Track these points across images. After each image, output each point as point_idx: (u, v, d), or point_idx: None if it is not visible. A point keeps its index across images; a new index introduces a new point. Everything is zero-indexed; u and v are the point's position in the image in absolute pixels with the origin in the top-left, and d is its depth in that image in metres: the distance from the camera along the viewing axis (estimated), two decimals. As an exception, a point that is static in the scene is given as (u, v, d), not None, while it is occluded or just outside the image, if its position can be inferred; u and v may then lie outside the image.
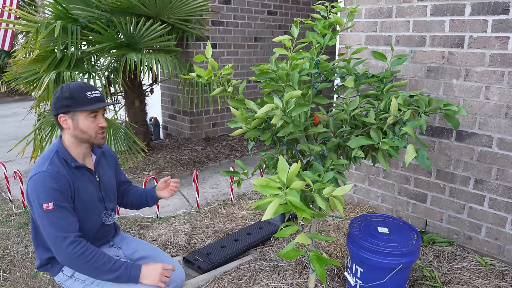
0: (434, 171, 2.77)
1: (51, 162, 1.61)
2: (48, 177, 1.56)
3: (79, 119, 1.64)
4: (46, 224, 1.55)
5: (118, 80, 4.17)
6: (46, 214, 1.54)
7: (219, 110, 5.58)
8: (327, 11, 2.02)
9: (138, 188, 2.04)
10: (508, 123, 2.39)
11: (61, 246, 1.54)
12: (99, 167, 1.81)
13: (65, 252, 1.54)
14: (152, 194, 2.00)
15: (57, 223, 1.54)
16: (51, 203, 1.54)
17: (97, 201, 1.75)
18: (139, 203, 2.03)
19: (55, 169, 1.59)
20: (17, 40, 9.19)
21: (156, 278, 1.66)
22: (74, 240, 1.55)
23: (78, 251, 1.54)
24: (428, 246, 2.67)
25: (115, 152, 2.00)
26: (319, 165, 1.74)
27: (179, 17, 4.29)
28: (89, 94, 1.64)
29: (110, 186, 1.85)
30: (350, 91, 2.06)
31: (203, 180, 4.09)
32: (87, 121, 1.65)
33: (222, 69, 1.80)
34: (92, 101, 1.64)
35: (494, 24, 2.35)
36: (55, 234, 1.54)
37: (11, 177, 3.91)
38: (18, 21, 4.06)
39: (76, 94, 1.62)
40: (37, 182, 1.56)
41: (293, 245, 1.40)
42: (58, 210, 1.55)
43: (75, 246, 1.54)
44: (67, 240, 1.54)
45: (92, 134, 1.67)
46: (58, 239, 1.54)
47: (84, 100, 1.62)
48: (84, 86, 1.66)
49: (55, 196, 1.55)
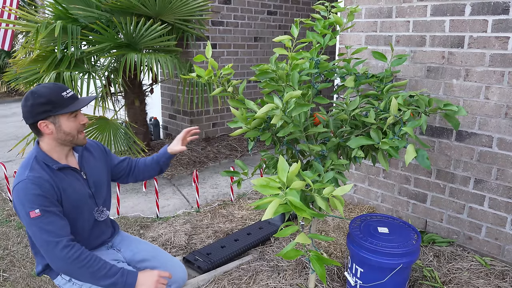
0: (434, 171, 2.77)
1: (31, 168, 1.56)
2: (30, 183, 1.52)
3: (61, 122, 1.60)
4: (36, 231, 1.51)
5: (118, 80, 4.17)
6: (34, 221, 1.50)
7: (219, 110, 5.58)
8: (327, 11, 2.02)
9: (146, 160, 2.01)
10: (508, 123, 2.39)
11: (54, 252, 1.50)
12: (84, 163, 1.77)
13: (59, 257, 1.51)
14: (163, 156, 1.98)
15: (47, 229, 1.50)
16: (37, 210, 1.49)
17: (87, 198, 1.72)
18: (151, 171, 2.01)
19: (36, 174, 1.55)
20: (17, 40, 9.18)
21: (152, 286, 1.64)
22: (67, 244, 1.52)
23: (73, 255, 1.51)
24: (428, 246, 2.67)
25: (104, 145, 1.97)
26: (319, 165, 1.74)
27: (179, 17, 4.30)
28: (65, 95, 1.60)
29: (100, 180, 1.82)
30: (350, 91, 2.06)
31: (203, 180, 4.09)
32: (69, 122, 1.61)
33: (222, 69, 1.80)
34: (70, 100, 1.61)
35: (494, 24, 2.35)
36: (47, 240, 1.50)
37: (11, 177, 3.91)
38: (18, 21, 4.06)
39: (53, 97, 1.57)
40: (20, 190, 1.52)
41: (293, 245, 1.40)
42: (45, 216, 1.51)
43: (69, 250, 1.51)
44: (60, 245, 1.50)
45: (75, 135, 1.64)
46: (50, 245, 1.50)
47: (63, 101, 1.58)
48: (57, 87, 1.61)
49: (40, 202, 1.51)
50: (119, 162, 1.97)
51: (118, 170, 1.97)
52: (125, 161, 1.99)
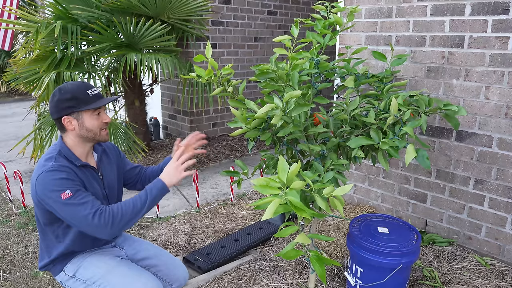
0: (434, 171, 2.77)
1: (56, 160, 1.61)
2: (55, 170, 1.56)
3: (84, 119, 1.65)
4: (71, 211, 1.54)
5: (118, 80, 4.17)
6: (68, 201, 1.53)
7: (219, 110, 5.58)
8: (327, 11, 2.02)
9: (153, 168, 2.03)
10: (508, 123, 2.39)
11: (93, 224, 1.53)
12: (101, 164, 1.82)
13: (99, 226, 1.53)
14: (166, 164, 1.98)
15: (81, 203, 1.54)
16: (67, 191, 1.54)
17: (102, 199, 1.75)
18: (155, 178, 2.01)
19: (61, 164, 1.60)
20: (17, 40, 9.19)
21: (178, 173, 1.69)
22: (100, 211, 1.55)
23: (109, 217, 1.54)
24: (428, 246, 2.67)
25: (119, 148, 1.99)
26: (319, 165, 1.74)
27: (179, 17, 4.30)
28: (90, 92, 1.65)
29: (113, 182, 1.85)
30: (350, 91, 2.06)
31: (203, 180, 4.09)
32: (92, 119, 1.66)
33: (222, 69, 1.80)
34: (94, 98, 1.65)
35: (494, 24, 2.35)
36: (84, 215, 1.53)
37: (11, 177, 3.91)
38: (18, 21, 4.06)
39: (78, 94, 1.62)
40: (46, 178, 1.55)
41: (293, 245, 1.40)
42: (76, 194, 1.55)
43: (103, 215, 1.54)
44: (96, 216, 1.53)
45: (97, 132, 1.69)
46: (87, 219, 1.53)
47: (87, 98, 1.63)
48: (83, 85, 1.67)
49: (69, 184, 1.55)
50: (131, 168, 2.00)
51: (129, 175, 1.99)
52: (137, 168, 2.02)
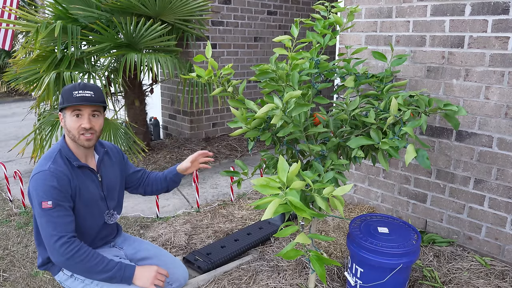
0: (434, 171, 2.77)
1: (54, 161, 1.62)
2: (49, 175, 1.58)
3: (66, 118, 1.65)
4: (43, 222, 1.56)
5: (118, 80, 4.17)
6: (44, 212, 1.55)
7: (219, 110, 5.58)
8: (327, 11, 2.02)
9: (157, 174, 2.03)
10: (508, 123, 2.39)
11: (54, 246, 1.55)
12: (102, 166, 1.82)
13: (58, 252, 1.55)
14: (171, 173, 2.00)
15: (54, 222, 1.55)
16: (49, 202, 1.55)
17: (99, 200, 1.76)
18: (158, 186, 2.02)
19: (58, 168, 1.61)
20: (17, 40, 9.18)
21: (148, 281, 1.65)
22: (68, 240, 1.56)
23: (71, 251, 1.55)
24: (428, 246, 2.67)
25: (123, 152, 1.99)
26: (319, 165, 1.74)
27: (179, 17, 4.29)
28: (75, 93, 1.61)
29: (113, 184, 1.85)
30: (350, 91, 2.06)
31: (203, 180, 4.09)
32: (71, 121, 1.64)
33: (222, 69, 1.80)
34: (76, 99, 1.62)
35: (494, 24, 2.35)
36: (51, 233, 1.55)
37: (11, 177, 3.91)
38: (18, 21, 4.05)
39: (65, 92, 1.64)
40: (39, 180, 1.58)
41: (293, 245, 1.40)
42: (56, 209, 1.56)
43: (68, 246, 1.55)
44: (61, 240, 1.54)
45: (76, 135, 1.65)
46: (52, 238, 1.55)
47: (69, 98, 1.62)
48: (76, 86, 1.64)
49: (55, 195, 1.56)
50: (134, 172, 2.00)
51: (131, 179, 1.99)
52: (140, 172, 2.02)
